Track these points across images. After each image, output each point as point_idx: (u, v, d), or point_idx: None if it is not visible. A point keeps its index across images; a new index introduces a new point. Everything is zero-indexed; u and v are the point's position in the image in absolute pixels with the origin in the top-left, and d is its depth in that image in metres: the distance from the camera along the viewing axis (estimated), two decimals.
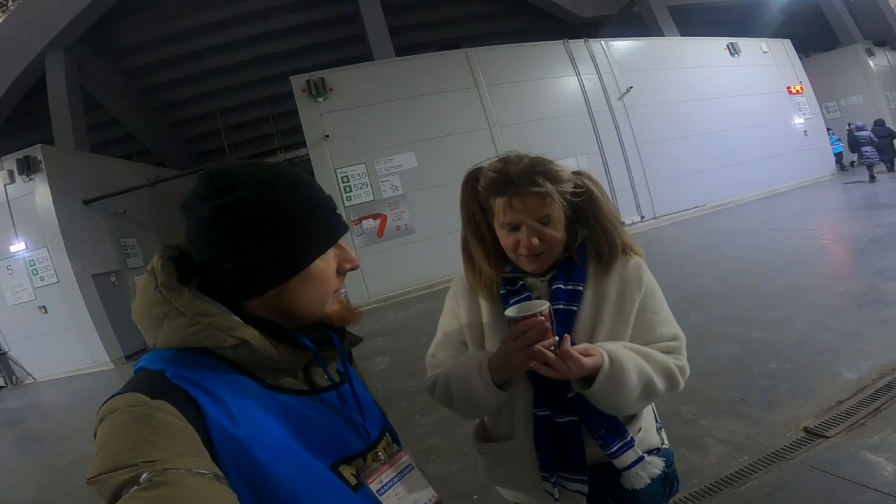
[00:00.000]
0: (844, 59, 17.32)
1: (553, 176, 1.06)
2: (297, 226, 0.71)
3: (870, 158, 12.17)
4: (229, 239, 0.68)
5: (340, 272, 0.79)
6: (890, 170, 13.05)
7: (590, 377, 0.97)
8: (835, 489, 2.14)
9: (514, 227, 1.08)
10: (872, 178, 11.99)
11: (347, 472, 0.72)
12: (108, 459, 0.53)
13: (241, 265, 0.69)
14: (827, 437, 2.49)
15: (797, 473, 2.30)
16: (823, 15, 18.41)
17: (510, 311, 0.97)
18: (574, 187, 1.09)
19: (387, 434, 0.86)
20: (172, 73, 15.43)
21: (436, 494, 0.83)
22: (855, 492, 2.08)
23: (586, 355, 0.95)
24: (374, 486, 0.75)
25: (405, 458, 0.82)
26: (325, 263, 0.75)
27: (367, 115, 10.36)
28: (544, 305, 0.95)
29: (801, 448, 2.47)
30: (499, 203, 1.08)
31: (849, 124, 13.26)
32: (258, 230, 0.68)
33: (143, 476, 0.50)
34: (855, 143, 12.52)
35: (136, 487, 0.50)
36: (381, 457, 0.80)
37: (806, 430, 2.60)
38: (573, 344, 0.97)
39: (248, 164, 0.74)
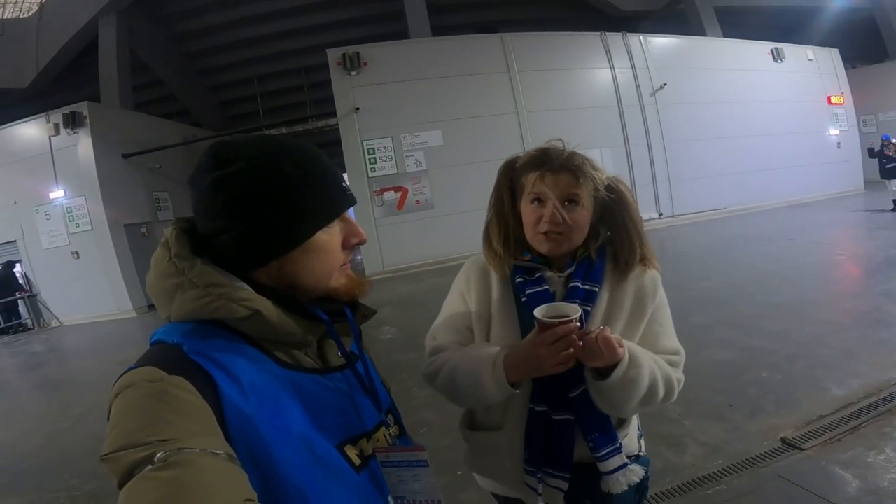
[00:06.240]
0: (891, 73, 16.71)
1: (592, 164, 1.10)
2: (298, 198, 0.70)
3: None
4: (228, 210, 0.67)
5: (346, 246, 0.78)
6: None
7: (604, 370, 0.98)
8: (797, 499, 2.18)
9: (541, 201, 1.09)
10: None
11: (352, 452, 0.72)
12: (122, 436, 0.52)
13: (240, 236, 0.68)
14: (802, 449, 2.54)
15: (765, 481, 2.34)
16: (876, 26, 17.76)
17: (539, 312, 0.95)
18: (607, 189, 1.11)
19: (390, 416, 0.87)
20: (216, 40, 15.92)
21: (440, 499, 0.80)
22: None
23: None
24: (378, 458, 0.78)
25: (421, 454, 0.78)
26: (329, 237, 0.74)
27: (398, 91, 10.54)
28: (578, 311, 0.94)
29: (774, 457, 2.52)
30: (531, 177, 1.10)
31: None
32: (257, 201, 0.67)
33: (158, 455, 0.50)
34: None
35: (150, 467, 0.49)
36: (385, 439, 0.80)
37: (784, 440, 2.65)
38: None
39: (254, 136, 0.75)
